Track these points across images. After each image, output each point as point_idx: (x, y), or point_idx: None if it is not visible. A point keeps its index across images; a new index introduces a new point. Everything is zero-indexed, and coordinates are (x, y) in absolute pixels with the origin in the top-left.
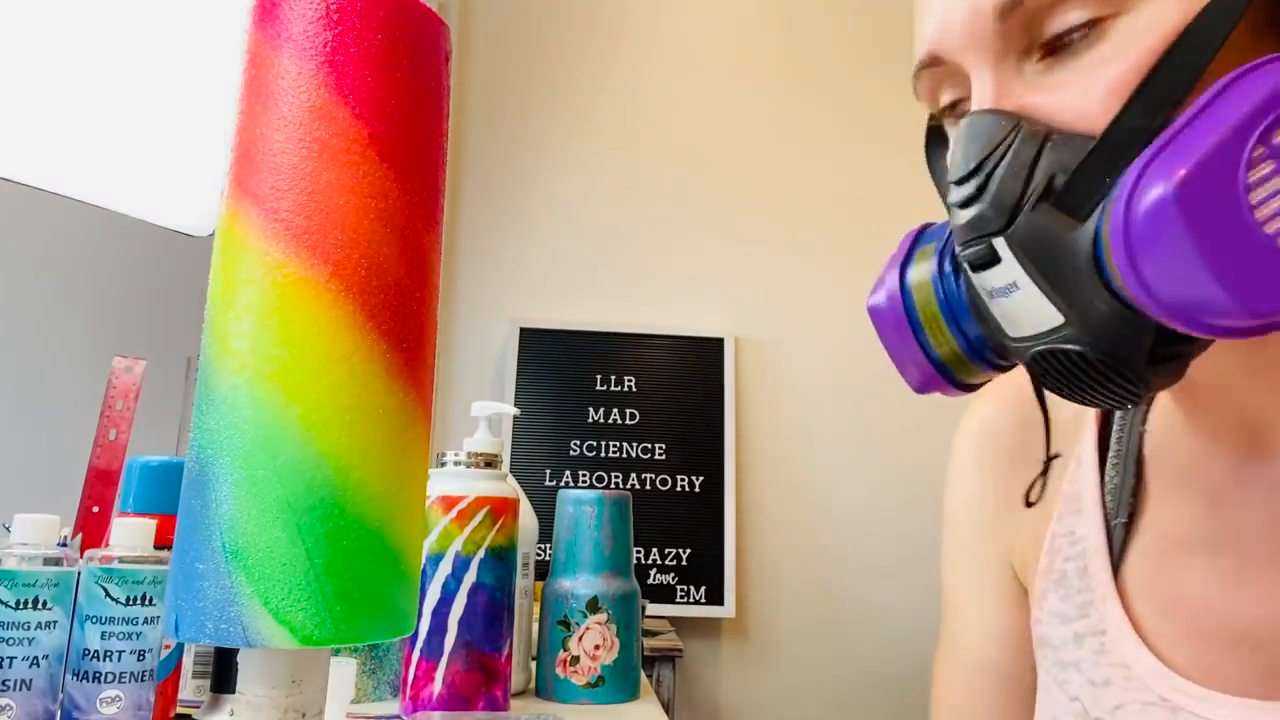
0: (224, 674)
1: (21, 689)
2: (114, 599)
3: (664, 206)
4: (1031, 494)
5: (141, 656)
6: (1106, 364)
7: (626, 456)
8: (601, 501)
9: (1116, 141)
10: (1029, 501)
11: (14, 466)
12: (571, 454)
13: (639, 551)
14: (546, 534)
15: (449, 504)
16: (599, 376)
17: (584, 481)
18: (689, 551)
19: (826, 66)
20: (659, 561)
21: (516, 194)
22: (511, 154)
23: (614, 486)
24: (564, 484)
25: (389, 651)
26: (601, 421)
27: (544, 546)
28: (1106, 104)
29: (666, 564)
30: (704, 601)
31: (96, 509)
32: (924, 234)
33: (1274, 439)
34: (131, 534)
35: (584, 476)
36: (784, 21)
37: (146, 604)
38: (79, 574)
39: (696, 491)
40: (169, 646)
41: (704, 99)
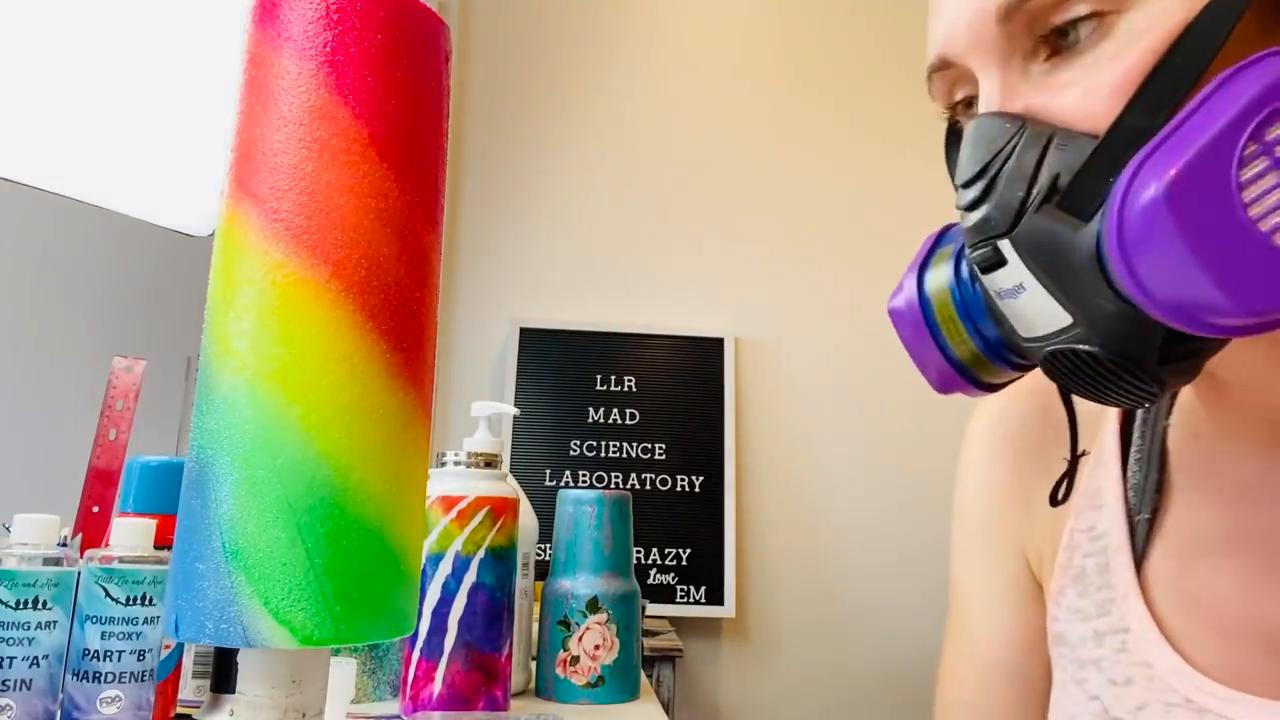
0: (224, 674)
1: (21, 689)
2: (114, 599)
3: (664, 206)
4: (1059, 492)
5: (141, 656)
6: (1118, 363)
7: (626, 456)
8: (601, 501)
9: (1119, 141)
10: (1056, 500)
11: (14, 466)
12: (571, 454)
13: (639, 551)
14: (546, 534)
15: (449, 504)
16: (599, 376)
17: (584, 481)
18: (689, 551)
19: (827, 66)
20: (659, 561)
21: (516, 194)
22: (511, 154)
23: (614, 486)
24: (564, 484)
25: (389, 651)
26: (601, 421)
27: (544, 546)
28: (1109, 103)
29: (666, 564)
30: (704, 601)
31: (96, 509)
32: (944, 236)
33: None
34: (131, 534)
35: (584, 476)
36: (784, 21)
37: (146, 604)
38: (79, 574)
39: (696, 491)
40: (169, 646)
41: (704, 99)
